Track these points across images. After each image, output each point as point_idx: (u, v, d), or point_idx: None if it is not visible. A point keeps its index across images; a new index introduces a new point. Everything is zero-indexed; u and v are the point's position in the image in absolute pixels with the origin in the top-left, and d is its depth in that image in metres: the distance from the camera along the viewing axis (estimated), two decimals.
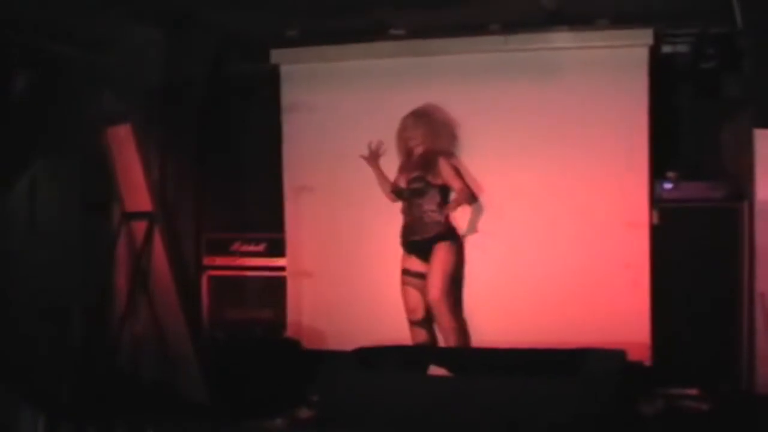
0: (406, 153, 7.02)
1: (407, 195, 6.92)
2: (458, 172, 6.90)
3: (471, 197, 6.91)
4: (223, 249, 7.78)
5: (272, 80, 7.54)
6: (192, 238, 7.70)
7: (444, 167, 6.84)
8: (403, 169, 7.03)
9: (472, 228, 7.06)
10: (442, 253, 6.81)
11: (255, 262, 7.74)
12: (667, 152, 6.92)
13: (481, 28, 7.05)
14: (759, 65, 6.31)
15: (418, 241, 6.86)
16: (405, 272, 6.98)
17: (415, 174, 6.88)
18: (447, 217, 6.85)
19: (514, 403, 5.47)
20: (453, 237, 6.90)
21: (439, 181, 6.84)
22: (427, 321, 6.98)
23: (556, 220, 6.97)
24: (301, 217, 7.53)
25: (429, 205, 6.83)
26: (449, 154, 6.99)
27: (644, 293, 6.75)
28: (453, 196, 6.86)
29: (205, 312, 7.73)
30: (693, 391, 6.49)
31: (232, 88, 7.76)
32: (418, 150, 6.95)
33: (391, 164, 7.14)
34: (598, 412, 5.35)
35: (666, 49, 7.00)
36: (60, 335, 6.43)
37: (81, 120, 6.62)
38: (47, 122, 6.28)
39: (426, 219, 6.83)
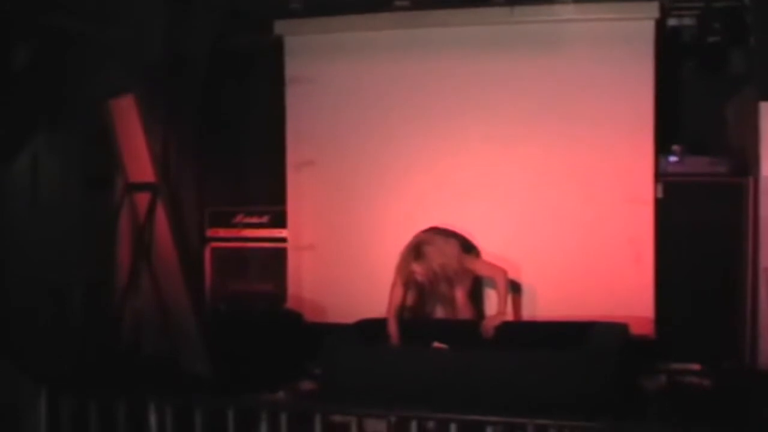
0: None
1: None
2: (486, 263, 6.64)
3: (513, 285, 6.70)
4: (226, 221, 7.77)
5: (276, 53, 7.48)
6: (195, 209, 7.70)
7: (470, 268, 6.57)
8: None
9: None
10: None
11: (258, 234, 7.72)
12: (671, 126, 6.88)
13: (485, 0, 6.99)
14: (764, 40, 6.29)
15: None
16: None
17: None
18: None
19: (517, 375, 5.50)
20: None
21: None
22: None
23: (560, 193, 6.95)
24: (302, 191, 7.50)
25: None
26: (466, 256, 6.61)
27: (648, 268, 6.74)
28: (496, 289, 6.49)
29: (208, 284, 7.74)
30: (696, 367, 6.50)
31: (236, 61, 7.71)
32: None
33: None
34: (601, 385, 5.37)
35: (672, 22, 6.96)
36: (62, 309, 6.44)
37: (83, 94, 6.60)
38: (49, 96, 6.25)
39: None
